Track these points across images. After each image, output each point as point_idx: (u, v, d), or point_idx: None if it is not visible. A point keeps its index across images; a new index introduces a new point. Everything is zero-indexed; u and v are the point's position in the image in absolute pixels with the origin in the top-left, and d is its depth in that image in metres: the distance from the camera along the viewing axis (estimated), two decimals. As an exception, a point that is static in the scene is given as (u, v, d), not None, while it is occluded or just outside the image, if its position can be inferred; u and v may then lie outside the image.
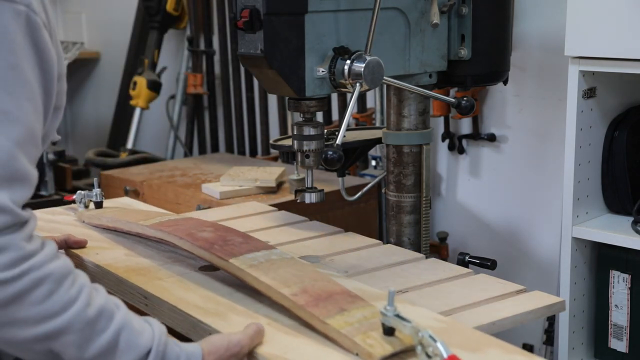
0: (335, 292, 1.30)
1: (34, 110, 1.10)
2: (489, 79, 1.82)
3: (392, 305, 1.15)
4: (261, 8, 1.45)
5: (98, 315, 1.11)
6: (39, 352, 1.10)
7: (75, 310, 1.08)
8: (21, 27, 1.07)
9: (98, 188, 1.90)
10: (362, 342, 1.15)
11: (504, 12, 1.77)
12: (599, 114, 2.00)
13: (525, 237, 2.56)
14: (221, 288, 1.44)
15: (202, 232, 1.54)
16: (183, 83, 3.48)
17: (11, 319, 1.05)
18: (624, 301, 1.99)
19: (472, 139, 2.63)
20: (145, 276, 1.49)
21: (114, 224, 1.75)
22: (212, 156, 3.19)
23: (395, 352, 1.14)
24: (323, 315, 1.23)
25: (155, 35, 3.45)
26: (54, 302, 1.07)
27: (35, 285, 1.05)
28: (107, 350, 1.11)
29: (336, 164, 1.48)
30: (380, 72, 1.53)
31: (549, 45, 2.37)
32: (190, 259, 1.57)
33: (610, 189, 2.05)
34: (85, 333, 1.09)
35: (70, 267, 1.12)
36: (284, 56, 1.47)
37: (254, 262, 1.40)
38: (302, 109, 1.56)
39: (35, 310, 1.06)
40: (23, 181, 1.07)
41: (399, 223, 1.79)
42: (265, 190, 2.43)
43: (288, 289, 1.31)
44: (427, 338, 1.09)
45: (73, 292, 1.09)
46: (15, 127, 1.06)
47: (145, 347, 1.13)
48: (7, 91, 1.06)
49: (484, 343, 1.19)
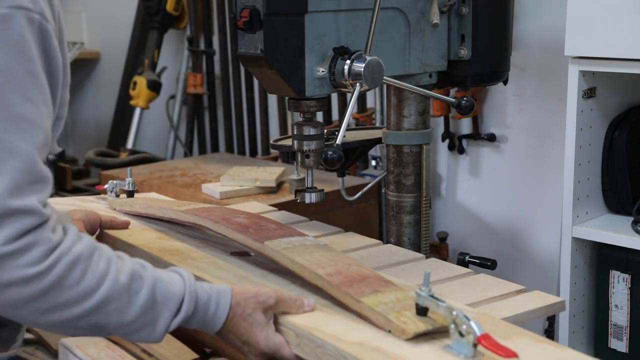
0: (368, 276, 1.33)
1: (49, 114, 1.16)
2: (489, 79, 1.82)
3: (427, 286, 1.18)
4: (261, 8, 1.45)
5: (130, 279, 1.18)
6: (84, 327, 1.17)
7: (109, 281, 1.15)
8: (34, 34, 1.12)
9: (130, 177, 1.92)
10: (395, 320, 1.18)
11: (504, 12, 1.77)
12: (599, 114, 2.00)
13: (525, 237, 2.56)
14: (254, 270, 1.47)
15: (236, 217, 1.56)
16: (183, 83, 3.48)
17: (54, 304, 1.12)
18: (624, 301, 1.99)
19: (472, 139, 2.63)
20: (179, 256, 1.51)
21: (146, 210, 1.77)
22: (212, 156, 3.19)
23: (428, 331, 1.17)
24: (357, 294, 1.25)
25: (155, 35, 3.45)
26: (89, 279, 1.13)
27: (70, 269, 1.12)
28: (146, 307, 1.18)
29: (336, 164, 1.48)
30: (380, 72, 1.53)
31: (549, 45, 2.37)
32: (222, 244, 1.59)
33: (610, 189, 2.05)
34: (124, 299, 1.16)
35: (94, 243, 1.18)
36: (284, 56, 1.47)
37: (288, 245, 1.42)
38: (302, 109, 1.56)
39: (75, 292, 1.12)
40: (44, 182, 1.13)
41: (399, 223, 1.79)
42: (265, 190, 2.43)
43: (322, 269, 1.33)
44: (461, 317, 1.12)
45: (102, 265, 1.16)
46: (37, 132, 1.12)
47: (179, 295, 1.21)
48: (28, 98, 1.11)
49: (513, 332, 1.21)
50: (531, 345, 1.17)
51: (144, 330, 1.20)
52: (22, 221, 1.09)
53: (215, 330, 1.27)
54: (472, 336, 1.10)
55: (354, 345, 1.16)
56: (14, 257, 1.08)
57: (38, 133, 1.12)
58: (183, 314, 1.21)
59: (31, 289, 1.10)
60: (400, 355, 1.13)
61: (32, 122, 1.11)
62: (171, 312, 1.21)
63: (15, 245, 1.08)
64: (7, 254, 1.07)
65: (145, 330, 1.20)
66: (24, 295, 1.10)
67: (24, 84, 1.10)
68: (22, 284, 1.09)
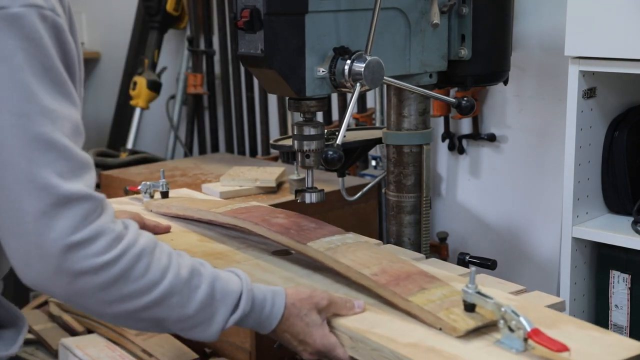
0: (413, 273, 1.35)
1: (74, 105, 1.18)
2: (489, 79, 1.82)
3: (474, 283, 1.21)
4: (261, 8, 1.45)
5: (190, 274, 1.21)
6: (146, 319, 1.19)
7: (171, 275, 1.19)
8: (49, 30, 1.14)
9: (164, 179, 1.94)
10: (445, 317, 1.21)
11: (504, 12, 1.77)
12: (599, 114, 2.00)
13: (525, 237, 2.56)
14: (299, 270, 1.49)
15: (275, 218, 1.58)
16: (183, 83, 3.48)
17: (119, 295, 1.15)
18: (624, 301, 1.99)
19: (472, 139, 2.63)
20: (223, 259, 1.53)
21: (184, 212, 1.78)
22: (212, 156, 3.18)
23: (478, 327, 1.20)
24: (405, 293, 1.28)
25: (155, 35, 3.45)
26: (154, 272, 1.17)
27: (136, 262, 1.15)
28: (205, 303, 1.21)
29: (336, 164, 1.48)
30: (381, 72, 1.53)
31: (549, 45, 2.37)
32: (261, 244, 1.60)
33: (610, 189, 2.05)
34: (184, 293, 1.20)
35: (155, 239, 1.22)
36: (284, 56, 1.47)
37: (331, 245, 1.44)
38: (302, 109, 1.56)
39: (140, 284, 1.16)
40: (86, 167, 1.16)
41: (399, 223, 1.79)
42: (265, 190, 2.43)
43: (368, 269, 1.35)
44: (509, 313, 1.15)
45: (164, 259, 1.19)
46: (65, 122, 1.14)
47: (236, 292, 1.25)
48: (51, 92, 1.13)
49: (558, 320, 1.24)
50: (577, 332, 1.20)
51: (202, 326, 1.23)
52: (80, 207, 1.11)
53: (269, 329, 1.29)
54: (522, 331, 1.13)
55: (408, 347, 1.18)
56: (83, 247, 1.11)
57: (66, 123, 1.14)
58: (240, 311, 1.24)
59: (100, 278, 1.12)
60: (454, 354, 1.15)
61: (59, 114, 1.13)
62: (229, 309, 1.24)
63: (82, 234, 1.10)
64: (75, 243, 1.10)
65: (203, 326, 1.23)
66: (93, 285, 1.12)
67: (46, 79, 1.12)
68: (92, 274, 1.12)
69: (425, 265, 1.57)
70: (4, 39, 1.09)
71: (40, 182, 1.10)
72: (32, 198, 1.09)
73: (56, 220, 1.10)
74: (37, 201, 1.09)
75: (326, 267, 1.43)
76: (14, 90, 1.10)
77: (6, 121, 1.09)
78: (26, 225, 1.10)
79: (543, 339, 1.11)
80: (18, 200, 1.10)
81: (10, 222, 1.11)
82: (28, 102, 1.10)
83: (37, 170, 1.10)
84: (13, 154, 1.10)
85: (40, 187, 1.09)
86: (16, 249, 1.13)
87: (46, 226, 1.09)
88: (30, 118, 1.10)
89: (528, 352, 1.14)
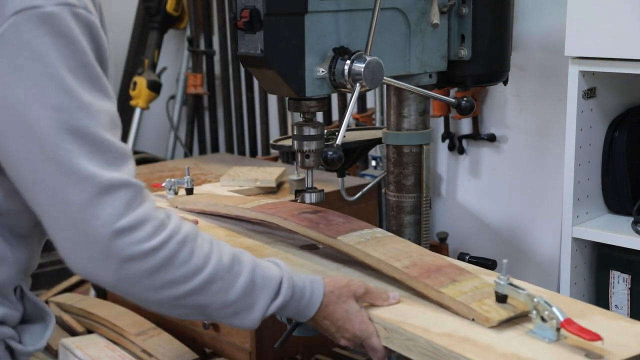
0: (443, 265, 1.38)
1: (109, 99, 1.20)
2: (489, 79, 1.82)
3: (505, 275, 1.24)
4: (261, 8, 1.45)
5: (231, 261, 1.24)
6: (190, 306, 1.22)
7: (214, 261, 1.22)
8: (82, 27, 1.16)
9: (188, 176, 1.94)
10: (478, 308, 1.24)
11: (504, 12, 1.77)
12: (599, 114, 2.00)
13: (525, 237, 2.56)
14: (328, 264, 1.50)
15: (303, 213, 1.60)
16: (183, 83, 3.47)
17: (165, 281, 1.18)
18: (624, 301, 1.99)
19: (472, 139, 2.62)
20: (253, 254, 1.53)
21: (210, 208, 1.79)
22: (212, 156, 3.19)
23: (510, 317, 1.22)
24: (437, 285, 1.30)
25: (155, 35, 3.45)
26: (197, 258, 1.20)
27: (180, 248, 1.18)
28: (247, 289, 1.24)
29: (336, 164, 1.48)
30: (380, 72, 1.53)
31: (549, 45, 2.37)
32: (289, 239, 1.62)
33: (610, 189, 2.05)
34: (227, 279, 1.23)
35: (195, 227, 1.25)
36: (284, 56, 1.47)
37: (361, 239, 1.46)
38: (302, 109, 1.56)
39: (185, 270, 1.19)
40: (125, 157, 1.19)
41: (399, 223, 1.79)
42: (265, 190, 2.43)
43: (399, 262, 1.38)
44: (542, 303, 1.18)
45: (206, 246, 1.23)
46: (103, 116, 1.17)
47: (277, 279, 1.28)
48: (84, 87, 1.15)
49: (587, 311, 1.27)
50: (606, 322, 1.23)
51: (243, 313, 1.25)
52: (122, 194, 1.14)
53: (308, 317, 1.32)
54: (555, 321, 1.16)
55: (443, 337, 1.21)
56: (129, 233, 1.14)
57: (103, 116, 1.16)
58: (281, 298, 1.27)
59: (147, 264, 1.15)
60: (488, 343, 1.18)
61: (96, 107, 1.16)
62: (270, 296, 1.26)
63: (128, 221, 1.13)
64: (122, 229, 1.13)
65: (244, 313, 1.26)
66: (140, 271, 1.15)
67: (81, 75, 1.15)
68: (139, 260, 1.15)
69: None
70: (39, 37, 1.12)
71: (82, 173, 1.13)
72: (76, 189, 1.13)
73: (101, 209, 1.13)
74: (80, 192, 1.13)
75: (355, 260, 1.45)
76: (52, 86, 1.12)
77: (46, 116, 1.12)
78: (72, 215, 1.13)
79: (576, 329, 1.14)
80: (62, 192, 1.13)
81: (56, 214, 1.15)
82: (66, 97, 1.13)
83: (78, 162, 1.13)
84: (54, 147, 1.12)
85: (83, 178, 1.13)
86: (64, 240, 1.16)
87: (92, 215, 1.13)
88: (69, 112, 1.13)
89: (561, 342, 1.17)
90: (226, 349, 2.27)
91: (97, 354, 2.09)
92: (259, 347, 2.15)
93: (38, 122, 1.12)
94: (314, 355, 2.33)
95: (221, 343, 2.28)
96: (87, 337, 2.25)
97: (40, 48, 1.12)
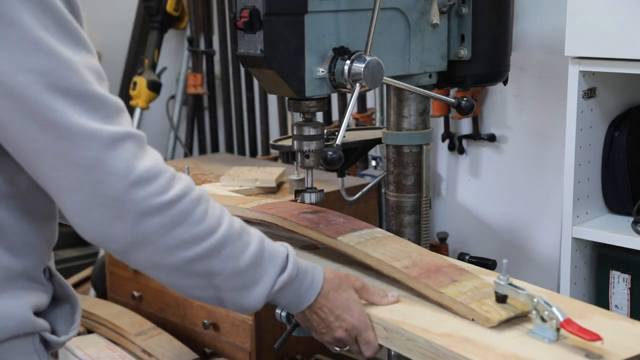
0: (443, 265, 1.38)
1: (90, 52, 1.15)
2: (489, 79, 1.82)
3: (505, 275, 1.25)
4: (261, 8, 1.45)
5: (241, 229, 1.22)
6: (200, 273, 1.18)
7: (226, 224, 1.19)
8: None
9: (189, 175, 1.92)
10: (478, 309, 1.24)
11: (504, 12, 1.77)
12: (599, 114, 2.00)
13: (525, 237, 2.56)
14: (328, 264, 1.51)
15: (303, 213, 1.60)
16: (183, 83, 3.48)
17: (180, 240, 1.14)
18: (624, 301, 1.99)
19: (472, 139, 2.63)
20: None
21: None
22: (212, 156, 3.19)
23: (510, 317, 1.23)
24: (437, 286, 1.31)
25: (155, 35, 3.45)
26: (211, 218, 1.17)
27: (195, 205, 1.15)
28: (257, 258, 1.22)
29: (336, 164, 1.48)
30: (380, 72, 1.53)
31: (549, 45, 2.37)
32: (289, 239, 1.61)
33: (610, 189, 2.05)
34: (238, 245, 1.20)
35: (206, 191, 1.21)
36: (284, 56, 1.47)
37: (360, 239, 1.47)
38: (302, 109, 1.56)
39: (199, 229, 1.15)
40: (120, 109, 1.14)
41: (399, 223, 1.79)
42: (265, 190, 2.43)
43: (399, 262, 1.38)
44: (542, 303, 1.18)
45: (218, 209, 1.20)
46: (88, 71, 1.12)
47: (284, 253, 1.26)
48: (64, 44, 1.10)
49: (588, 311, 1.27)
50: (607, 322, 1.23)
51: (250, 287, 1.22)
52: (128, 144, 1.11)
53: (308, 302, 1.30)
54: (554, 321, 1.16)
55: (443, 337, 1.21)
56: (145, 185, 1.10)
57: (89, 71, 1.12)
58: (287, 273, 1.25)
59: (164, 218, 1.12)
60: (488, 343, 1.18)
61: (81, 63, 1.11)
62: (277, 269, 1.24)
63: (140, 172, 1.10)
64: (137, 181, 1.10)
65: (251, 288, 1.22)
66: (157, 227, 1.12)
67: (59, 31, 1.10)
68: (156, 213, 1.11)
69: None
70: (7, 2, 1.07)
71: (84, 132, 1.08)
72: (82, 149, 1.08)
73: (111, 164, 1.09)
74: (87, 151, 1.08)
75: (355, 261, 1.46)
76: (31, 50, 1.07)
77: (32, 82, 1.07)
78: (82, 178, 1.09)
79: (576, 329, 1.14)
80: (67, 156, 1.09)
81: (64, 179, 1.10)
82: (49, 59, 1.08)
83: (77, 122, 1.08)
84: (48, 112, 1.08)
85: (86, 137, 1.08)
86: (75, 205, 1.11)
87: (103, 172, 1.09)
88: (55, 74, 1.08)
89: (560, 342, 1.17)
90: (226, 349, 2.27)
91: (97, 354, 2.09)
92: (259, 347, 2.15)
93: (26, 89, 1.07)
94: (314, 355, 2.33)
95: (221, 343, 2.28)
96: (87, 337, 2.26)
97: (11, 12, 1.06)
